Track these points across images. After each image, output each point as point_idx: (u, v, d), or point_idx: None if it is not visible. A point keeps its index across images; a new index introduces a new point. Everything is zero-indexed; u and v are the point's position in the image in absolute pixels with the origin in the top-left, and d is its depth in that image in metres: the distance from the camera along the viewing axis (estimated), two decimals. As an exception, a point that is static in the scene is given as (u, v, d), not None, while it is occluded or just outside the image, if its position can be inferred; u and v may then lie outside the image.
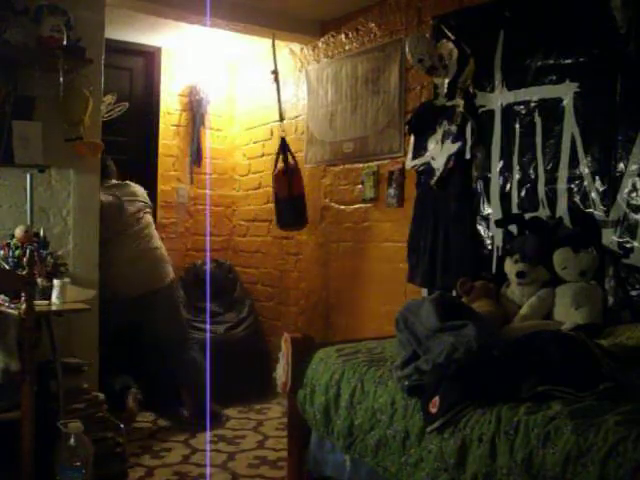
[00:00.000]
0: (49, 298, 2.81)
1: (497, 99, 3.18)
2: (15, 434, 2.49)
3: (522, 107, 3.06)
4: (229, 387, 4.05)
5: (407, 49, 3.41)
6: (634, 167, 2.60)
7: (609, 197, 2.69)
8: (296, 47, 4.63)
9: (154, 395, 3.87)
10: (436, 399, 1.96)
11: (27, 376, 2.49)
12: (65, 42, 3.07)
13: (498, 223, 3.09)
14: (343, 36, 4.24)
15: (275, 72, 4.16)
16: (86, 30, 3.29)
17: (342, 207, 4.22)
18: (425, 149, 3.52)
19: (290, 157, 4.03)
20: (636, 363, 2.00)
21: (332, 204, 4.29)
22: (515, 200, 3.09)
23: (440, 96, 3.46)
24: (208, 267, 4.67)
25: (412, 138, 3.62)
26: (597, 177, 2.74)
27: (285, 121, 4.72)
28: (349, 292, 4.16)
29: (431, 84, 3.55)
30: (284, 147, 4.04)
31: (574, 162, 2.83)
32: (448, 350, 2.07)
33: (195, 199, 5.10)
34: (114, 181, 3.84)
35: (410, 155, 3.62)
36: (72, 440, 2.23)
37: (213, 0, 3.84)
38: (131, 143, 4.78)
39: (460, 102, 3.30)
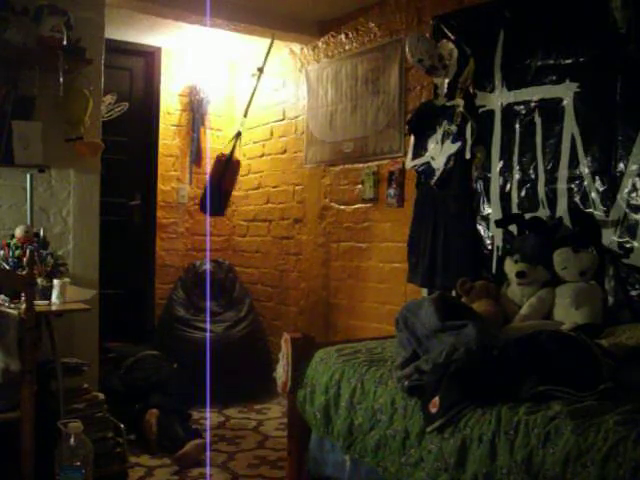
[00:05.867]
0: (49, 298, 2.81)
1: (497, 99, 3.17)
2: (15, 434, 2.49)
3: (522, 107, 3.06)
4: (229, 387, 4.05)
5: (407, 49, 3.41)
6: (634, 167, 2.60)
7: (609, 197, 2.69)
8: (296, 47, 4.63)
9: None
10: (436, 399, 1.96)
11: (27, 376, 2.49)
12: (65, 42, 3.08)
13: (498, 223, 3.09)
14: (343, 36, 4.24)
15: (260, 70, 4.22)
16: (86, 30, 3.29)
17: (342, 207, 4.22)
18: (425, 149, 3.52)
19: (236, 152, 4.13)
20: (636, 363, 1.99)
21: (332, 204, 4.29)
22: (515, 200, 3.08)
23: (440, 96, 3.46)
24: (208, 267, 4.67)
25: (412, 138, 3.62)
26: (597, 177, 2.74)
27: (285, 121, 4.76)
28: (349, 292, 4.16)
29: (431, 84, 3.55)
30: (237, 139, 4.16)
31: (574, 162, 2.83)
32: (448, 350, 2.07)
33: (195, 199, 5.10)
34: None
35: (410, 155, 3.62)
36: (72, 440, 2.22)
37: (213, 0, 3.84)
38: (131, 143, 4.78)
39: (460, 102, 3.30)
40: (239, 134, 4.27)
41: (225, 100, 5.26)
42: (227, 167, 4.17)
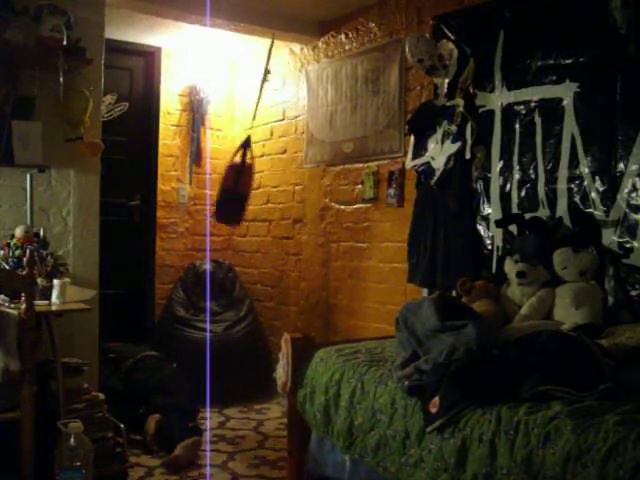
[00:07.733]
0: (49, 298, 2.81)
1: (497, 99, 3.17)
2: (15, 434, 2.49)
3: (522, 107, 3.06)
4: (229, 387, 4.05)
5: (407, 49, 3.41)
6: (634, 167, 2.60)
7: (609, 197, 2.69)
8: (296, 47, 4.63)
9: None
10: (436, 399, 1.96)
11: (27, 376, 2.49)
12: (65, 42, 3.08)
13: (498, 223, 3.09)
14: (343, 36, 4.24)
15: (268, 72, 4.18)
16: (86, 30, 3.29)
17: (342, 207, 4.22)
18: (425, 149, 3.52)
19: (249, 156, 4.10)
20: (636, 363, 2.00)
21: (332, 204, 4.29)
22: (515, 200, 3.08)
23: (440, 96, 3.45)
24: (208, 267, 4.67)
25: (412, 138, 3.62)
26: (597, 177, 2.74)
27: (285, 121, 4.76)
28: (349, 292, 4.16)
29: (431, 84, 3.55)
30: (246, 144, 4.12)
31: (574, 162, 2.83)
32: (448, 350, 2.07)
33: (195, 199, 5.10)
34: None
35: (410, 155, 3.62)
36: (72, 440, 2.23)
37: (213, 0, 3.84)
38: (131, 143, 4.78)
39: (460, 102, 3.30)
40: (248, 140, 4.20)
41: (225, 100, 5.26)
42: (241, 173, 4.10)
